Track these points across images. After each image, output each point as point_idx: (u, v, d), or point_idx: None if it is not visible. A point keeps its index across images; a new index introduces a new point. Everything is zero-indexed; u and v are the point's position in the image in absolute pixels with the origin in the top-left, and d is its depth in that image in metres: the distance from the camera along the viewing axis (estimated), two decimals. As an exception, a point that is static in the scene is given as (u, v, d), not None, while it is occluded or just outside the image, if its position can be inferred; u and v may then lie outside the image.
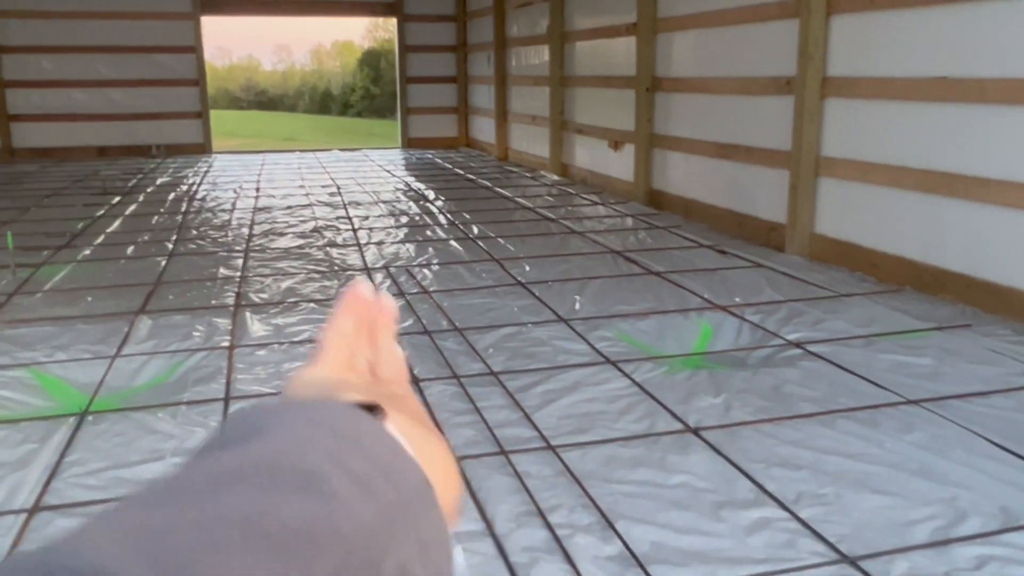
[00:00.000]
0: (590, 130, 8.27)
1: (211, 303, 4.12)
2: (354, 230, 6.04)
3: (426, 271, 4.75)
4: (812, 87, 4.77)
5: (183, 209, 7.06)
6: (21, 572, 0.25)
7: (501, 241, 5.54)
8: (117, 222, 6.44)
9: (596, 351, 3.35)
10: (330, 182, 8.79)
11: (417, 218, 6.54)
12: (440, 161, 10.97)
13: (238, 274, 4.71)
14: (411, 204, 7.25)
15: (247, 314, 3.91)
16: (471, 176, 9.24)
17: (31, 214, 6.91)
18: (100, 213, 6.82)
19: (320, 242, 5.62)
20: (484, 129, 12.01)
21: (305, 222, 6.38)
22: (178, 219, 6.58)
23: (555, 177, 8.91)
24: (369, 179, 9.10)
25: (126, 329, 3.68)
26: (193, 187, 8.44)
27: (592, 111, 8.26)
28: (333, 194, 7.90)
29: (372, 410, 0.38)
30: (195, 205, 7.28)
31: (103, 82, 11.31)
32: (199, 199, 7.63)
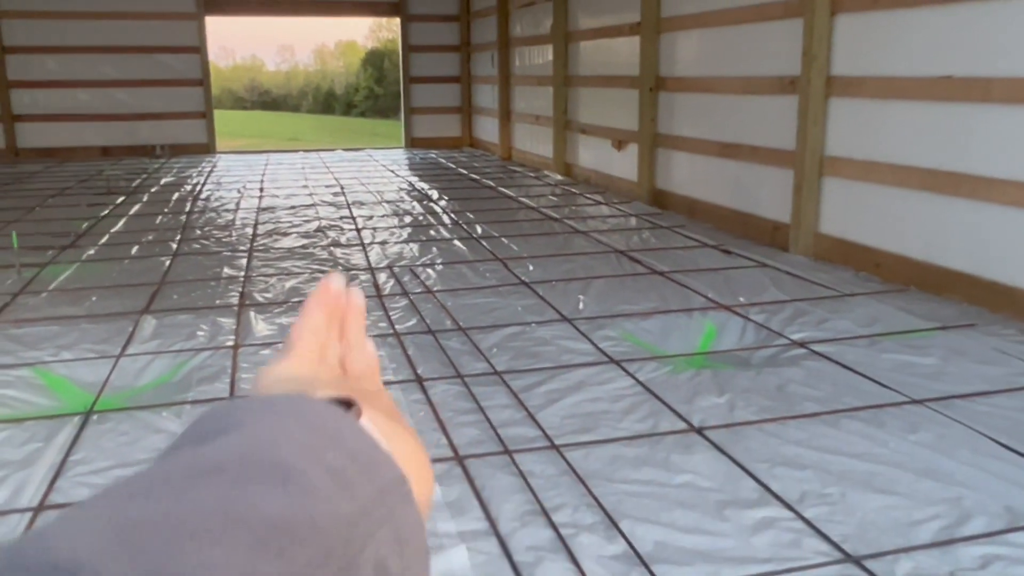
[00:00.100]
0: (594, 130, 8.27)
1: (215, 303, 4.13)
2: (358, 230, 6.04)
3: (430, 271, 4.75)
4: (816, 86, 4.76)
5: (187, 209, 7.07)
6: None
7: (505, 241, 5.54)
8: (121, 222, 6.46)
9: (600, 351, 3.35)
10: (334, 182, 8.80)
11: (421, 218, 6.55)
12: (444, 161, 10.97)
13: (242, 274, 4.72)
14: (415, 204, 7.26)
15: (251, 314, 3.92)
16: (475, 176, 9.24)
17: (36, 214, 6.93)
18: (104, 213, 6.84)
19: (324, 242, 5.62)
20: (488, 129, 12.01)
21: (309, 222, 6.39)
22: (182, 219, 6.59)
23: (559, 177, 8.91)
24: (373, 179, 9.10)
25: (131, 329, 3.69)
26: (197, 187, 8.46)
27: (596, 111, 8.25)
28: (337, 194, 7.91)
29: (347, 405, 0.38)
30: (199, 205, 7.29)
31: (107, 82, 11.34)
32: (203, 199, 7.65)
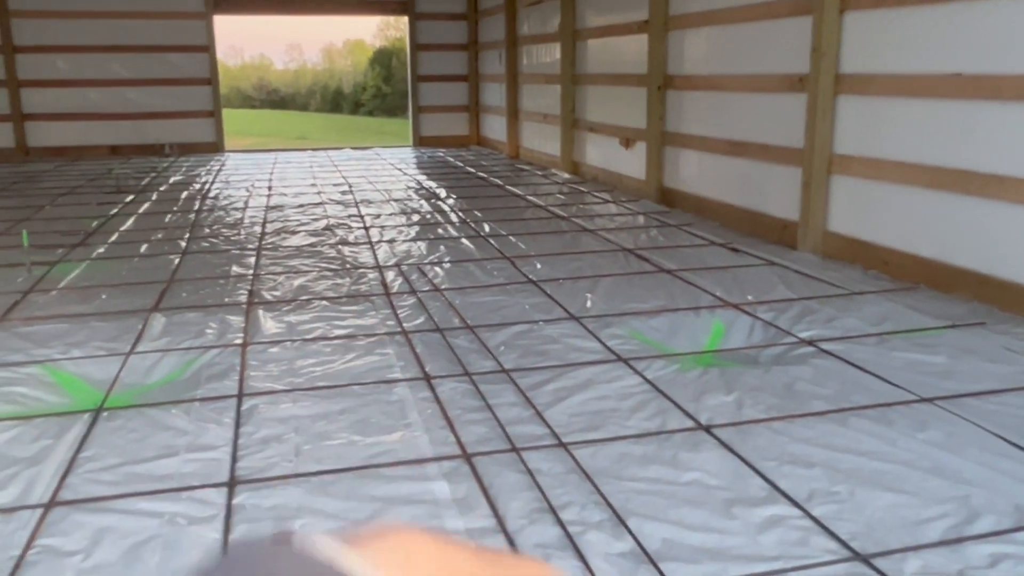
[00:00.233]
0: (601, 128, 8.26)
1: (224, 300, 4.14)
2: (366, 228, 6.05)
3: (438, 269, 4.76)
4: (825, 84, 4.75)
5: (196, 207, 7.10)
6: None
7: (512, 239, 5.55)
8: (131, 220, 6.49)
9: (608, 349, 3.35)
10: (342, 180, 8.82)
11: (429, 216, 6.56)
12: (451, 159, 10.98)
13: (251, 272, 4.73)
14: (423, 202, 7.27)
15: (260, 311, 3.93)
16: (482, 174, 9.25)
17: (46, 212, 6.96)
18: (114, 211, 6.87)
19: (332, 240, 5.64)
20: (495, 127, 12.02)
21: (317, 220, 6.41)
22: (191, 217, 6.61)
23: (566, 175, 8.91)
24: (381, 177, 9.11)
25: (140, 326, 3.70)
26: (206, 185, 8.48)
27: (603, 109, 8.25)
28: (345, 192, 7.92)
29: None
30: (208, 203, 7.32)
31: (117, 81, 11.39)
32: (212, 197, 7.67)
